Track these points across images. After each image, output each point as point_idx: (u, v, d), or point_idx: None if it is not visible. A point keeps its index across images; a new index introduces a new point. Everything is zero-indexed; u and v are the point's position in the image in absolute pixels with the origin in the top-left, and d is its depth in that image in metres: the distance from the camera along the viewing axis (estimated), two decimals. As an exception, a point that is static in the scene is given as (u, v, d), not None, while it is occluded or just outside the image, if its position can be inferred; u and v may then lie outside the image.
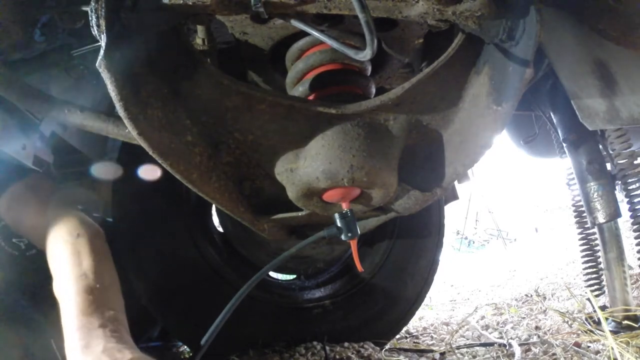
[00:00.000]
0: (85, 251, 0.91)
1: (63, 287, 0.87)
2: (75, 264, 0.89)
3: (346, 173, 0.87)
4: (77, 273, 0.87)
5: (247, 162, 0.92)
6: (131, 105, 0.74)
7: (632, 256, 1.54)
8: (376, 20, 0.73)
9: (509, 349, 1.29)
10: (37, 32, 0.82)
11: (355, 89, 1.03)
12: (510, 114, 0.87)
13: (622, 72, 1.15)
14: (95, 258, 0.91)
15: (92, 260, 0.90)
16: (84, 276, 0.87)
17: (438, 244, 1.56)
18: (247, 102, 0.87)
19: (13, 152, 0.93)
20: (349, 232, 0.93)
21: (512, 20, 0.81)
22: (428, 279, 1.54)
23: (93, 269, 0.89)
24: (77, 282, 0.86)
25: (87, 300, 0.84)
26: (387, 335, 1.47)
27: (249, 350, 1.28)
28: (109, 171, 1.23)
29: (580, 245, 1.54)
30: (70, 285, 0.86)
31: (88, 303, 0.84)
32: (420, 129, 0.96)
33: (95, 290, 0.86)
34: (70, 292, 0.85)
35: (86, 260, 0.90)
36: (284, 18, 0.82)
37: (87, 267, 0.89)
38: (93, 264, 0.89)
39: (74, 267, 0.88)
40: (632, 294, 1.38)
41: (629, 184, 1.33)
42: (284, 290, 1.46)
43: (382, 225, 1.16)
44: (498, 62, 0.88)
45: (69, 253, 0.90)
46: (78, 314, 0.82)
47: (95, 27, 0.69)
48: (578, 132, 1.37)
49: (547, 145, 1.72)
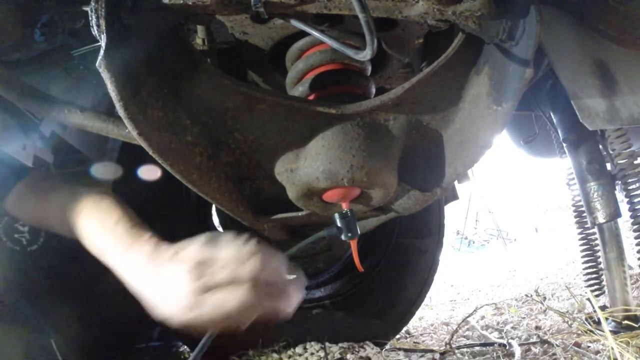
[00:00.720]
0: (107, 207, 0.86)
1: (104, 237, 0.82)
2: (104, 217, 0.84)
3: (346, 173, 0.87)
4: (111, 222, 0.83)
5: (247, 162, 0.92)
6: (131, 105, 0.74)
7: (632, 256, 1.54)
8: (376, 20, 0.73)
9: (509, 349, 1.29)
10: (37, 32, 0.82)
11: (355, 89, 1.03)
12: (510, 114, 0.87)
13: (622, 72, 1.15)
14: (119, 207, 0.86)
15: (116, 210, 0.85)
16: (119, 221, 0.82)
17: (438, 244, 1.56)
18: (247, 102, 0.87)
19: (13, 152, 0.93)
20: (349, 232, 0.92)
21: (512, 20, 0.81)
22: (428, 279, 1.54)
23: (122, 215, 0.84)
24: (117, 225, 0.81)
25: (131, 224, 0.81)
26: (387, 335, 1.47)
27: (249, 350, 1.28)
28: (108, 171, 1.24)
29: (580, 245, 1.54)
30: (112, 231, 0.81)
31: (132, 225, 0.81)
32: (420, 129, 0.96)
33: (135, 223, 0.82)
34: (113, 233, 0.81)
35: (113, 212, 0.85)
36: (284, 18, 0.82)
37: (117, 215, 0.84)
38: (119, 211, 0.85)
39: (105, 219, 0.84)
40: (632, 294, 1.38)
41: (629, 184, 1.33)
42: (284, 290, 1.46)
43: (382, 225, 1.16)
44: (498, 62, 0.88)
45: (97, 214, 0.85)
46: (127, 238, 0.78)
47: (95, 27, 0.69)
48: (578, 132, 1.37)
49: (547, 145, 1.72)
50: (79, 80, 0.96)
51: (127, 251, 0.77)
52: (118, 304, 1.31)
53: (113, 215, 0.83)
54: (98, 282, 1.30)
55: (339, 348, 1.30)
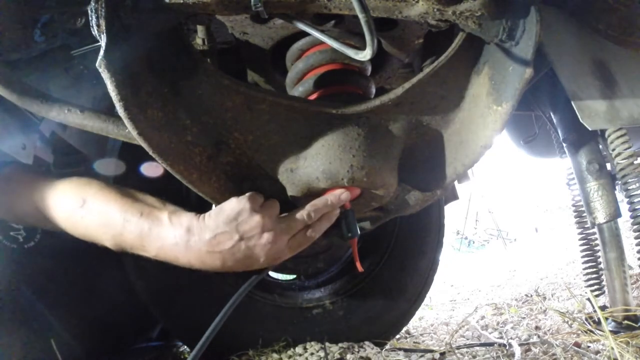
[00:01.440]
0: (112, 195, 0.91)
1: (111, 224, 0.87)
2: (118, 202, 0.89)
3: (346, 173, 0.87)
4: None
5: (247, 162, 0.92)
6: (131, 105, 0.74)
7: (632, 256, 1.54)
8: (376, 20, 0.73)
9: (509, 349, 1.29)
10: (37, 32, 0.82)
11: (355, 89, 1.03)
12: (510, 114, 0.87)
13: (622, 72, 1.15)
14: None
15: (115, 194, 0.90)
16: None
17: (438, 243, 1.56)
18: (247, 102, 0.87)
19: (13, 152, 0.93)
20: (349, 232, 0.93)
21: (512, 20, 0.81)
22: (428, 279, 1.54)
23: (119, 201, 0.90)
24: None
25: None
26: (387, 335, 1.47)
27: (249, 350, 1.28)
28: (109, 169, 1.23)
29: (580, 245, 1.54)
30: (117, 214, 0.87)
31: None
32: (420, 129, 0.96)
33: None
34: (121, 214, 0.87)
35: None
36: (284, 18, 0.82)
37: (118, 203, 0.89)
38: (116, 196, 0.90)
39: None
40: (632, 294, 1.38)
41: (629, 184, 1.33)
42: (284, 290, 1.46)
43: (382, 225, 1.16)
44: (498, 62, 0.88)
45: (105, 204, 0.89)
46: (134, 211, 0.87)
47: (95, 27, 0.69)
48: (578, 132, 1.36)
49: (547, 145, 1.72)
50: (78, 80, 0.96)
51: (153, 221, 0.87)
52: (118, 303, 1.31)
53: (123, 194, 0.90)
54: (98, 280, 1.30)
55: (339, 348, 1.29)
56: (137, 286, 1.24)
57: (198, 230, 0.84)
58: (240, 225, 0.84)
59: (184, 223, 0.85)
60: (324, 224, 0.90)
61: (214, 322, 0.84)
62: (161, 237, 0.85)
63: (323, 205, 0.88)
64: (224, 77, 0.85)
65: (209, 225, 0.84)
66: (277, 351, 1.29)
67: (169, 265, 0.88)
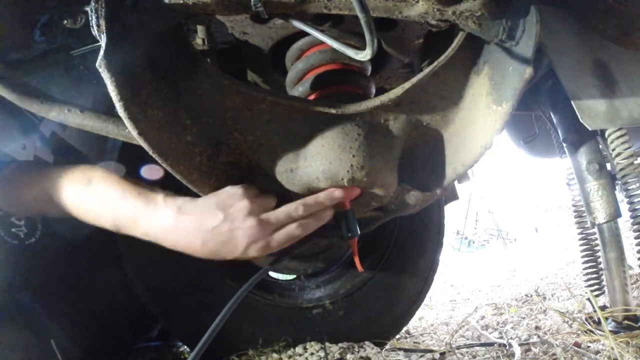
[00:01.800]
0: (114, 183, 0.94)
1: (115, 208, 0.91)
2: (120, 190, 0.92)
3: (346, 173, 0.87)
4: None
5: (247, 162, 0.92)
6: (131, 105, 0.74)
7: (632, 256, 1.54)
8: (376, 20, 0.73)
9: (509, 349, 1.29)
10: (37, 32, 0.82)
11: (355, 89, 1.03)
12: (511, 113, 0.87)
13: (622, 72, 1.15)
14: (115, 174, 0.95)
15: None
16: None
17: (438, 243, 1.56)
18: (247, 102, 0.87)
19: (13, 152, 0.93)
20: (349, 232, 0.93)
21: (512, 20, 0.81)
22: (428, 279, 1.54)
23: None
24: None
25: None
26: (387, 335, 1.47)
27: (249, 350, 1.28)
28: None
29: (580, 245, 1.54)
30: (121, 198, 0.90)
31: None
32: (420, 129, 0.96)
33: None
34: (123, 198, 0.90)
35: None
36: (284, 18, 0.82)
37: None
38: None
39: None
40: (632, 294, 1.38)
41: (629, 184, 1.33)
42: (284, 290, 1.46)
43: (382, 225, 1.16)
44: (498, 62, 0.88)
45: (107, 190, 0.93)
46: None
47: (95, 27, 0.69)
48: (578, 132, 1.36)
49: (547, 145, 1.72)
50: (78, 80, 0.96)
51: (152, 208, 0.89)
52: (118, 302, 1.31)
53: (121, 181, 0.93)
54: (97, 279, 1.30)
55: (339, 348, 1.29)
56: (136, 285, 1.24)
57: (188, 210, 0.87)
58: (227, 207, 0.85)
59: (177, 204, 0.88)
60: (314, 223, 0.89)
61: (215, 322, 0.84)
62: (153, 216, 0.88)
63: (313, 202, 0.88)
64: (224, 77, 0.85)
65: (200, 204, 0.87)
66: (277, 351, 1.29)
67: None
